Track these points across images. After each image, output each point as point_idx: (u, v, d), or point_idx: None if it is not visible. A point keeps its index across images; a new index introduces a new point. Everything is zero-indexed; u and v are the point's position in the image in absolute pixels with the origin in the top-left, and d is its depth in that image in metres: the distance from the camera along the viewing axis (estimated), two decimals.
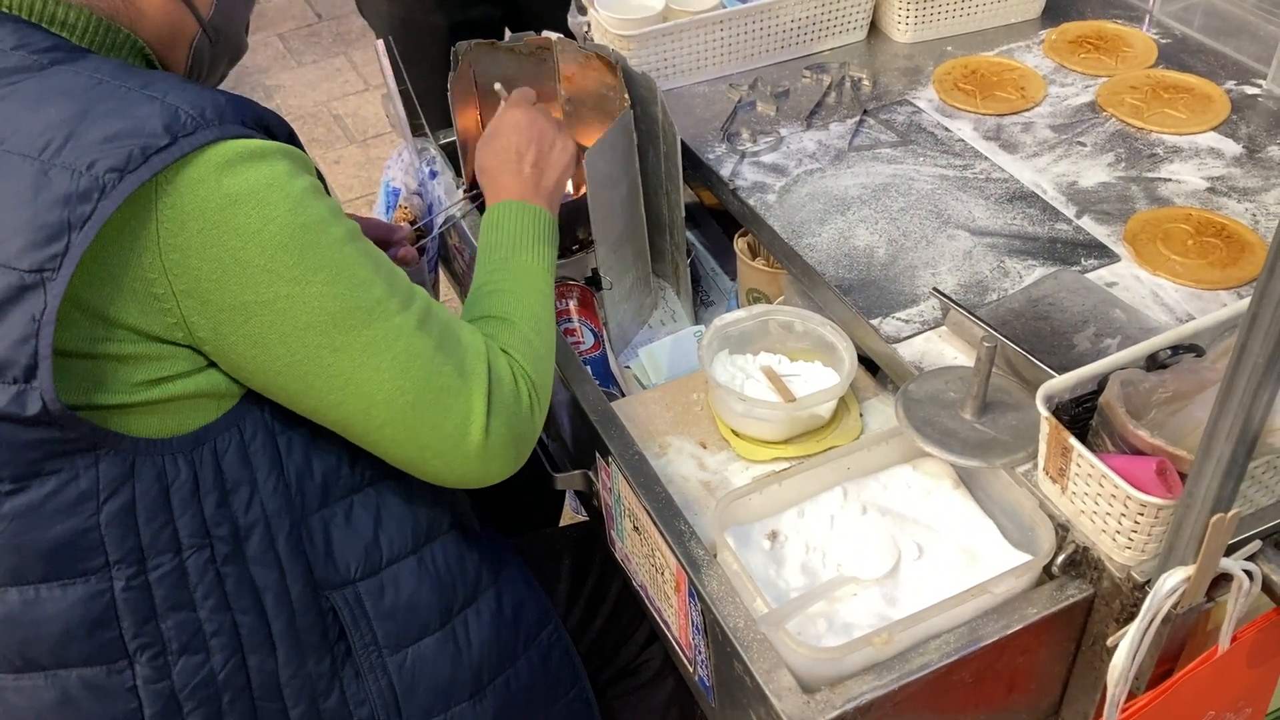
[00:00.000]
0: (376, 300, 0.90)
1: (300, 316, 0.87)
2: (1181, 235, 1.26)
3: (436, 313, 0.96)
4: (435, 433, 0.94)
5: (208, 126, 0.83)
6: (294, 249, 0.86)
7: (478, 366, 0.96)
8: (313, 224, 0.87)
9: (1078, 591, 0.97)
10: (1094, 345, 1.12)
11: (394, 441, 0.94)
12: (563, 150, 1.23)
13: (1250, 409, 0.75)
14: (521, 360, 1.02)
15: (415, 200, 1.54)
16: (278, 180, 0.85)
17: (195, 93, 0.86)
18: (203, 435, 0.91)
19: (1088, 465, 0.91)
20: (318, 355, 0.89)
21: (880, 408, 1.20)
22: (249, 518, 0.94)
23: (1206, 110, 1.46)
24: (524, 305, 1.07)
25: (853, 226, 1.32)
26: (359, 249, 0.91)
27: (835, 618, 0.98)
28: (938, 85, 1.55)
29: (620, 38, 1.51)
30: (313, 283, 0.87)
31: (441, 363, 0.93)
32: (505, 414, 0.97)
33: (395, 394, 0.91)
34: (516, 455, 0.99)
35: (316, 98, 3.54)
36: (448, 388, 0.94)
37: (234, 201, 0.83)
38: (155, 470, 0.89)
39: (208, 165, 0.83)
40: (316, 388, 0.90)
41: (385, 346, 0.90)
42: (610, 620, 1.29)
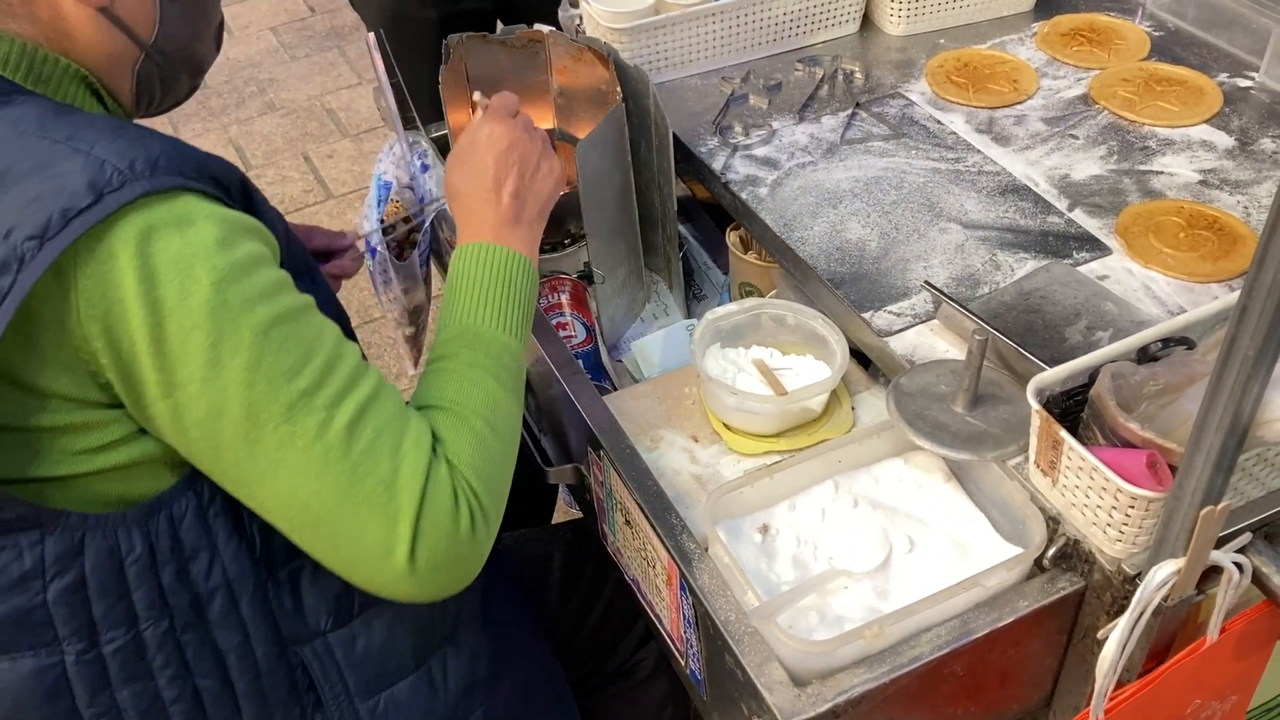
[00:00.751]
0: (300, 393, 0.81)
1: (212, 403, 0.80)
2: (1173, 228, 1.26)
3: (376, 409, 0.85)
4: (354, 547, 0.84)
5: (137, 179, 0.77)
6: (210, 328, 0.78)
7: (411, 481, 0.84)
8: (236, 303, 0.79)
9: (1069, 584, 0.97)
10: (1085, 338, 1.12)
11: (312, 547, 0.86)
12: (548, 174, 1.09)
13: (1240, 401, 0.75)
14: (468, 473, 0.89)
15: (407, 194, 1.53)
16: (205, 251, 0.78)
17: (127, 142, 0.79)
18: (156, 504, 0.86)
19: (1078, 458, 0.91)
20: (230, 445, 0.81)
21: (872, 401, 1.20)
22: (210, 584, 0.90)
23: (1199, 103, 1.46)
24: (482, 390, 0.95)
25: (845, 220, 1.31)
26: (290, 333, 0.82)
27: (826, 611, 0.98)
28: (930, 78, 1.55)
29: (612, 31, 1.51)
30: (228, 368, 0.79)
31: (367, 472, 0.83)
32: (437, 537, 0.85)
33: (309, 499, 0.83)
34: (452, 580, 0.88)
35: (310, 92, 3.53)
36: (369, 500, 0.83)
37: (150, 274, 0.77)
38: (107, 546, 0.85)
39: (128, 233, 0.76)
40: (232, 477, 0.84)
41: (302, 447, 0.81)
42: (604, 621, 1.28)
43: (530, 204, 1.07)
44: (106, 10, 0.87)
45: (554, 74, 1.50)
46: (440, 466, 0.87)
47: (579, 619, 1.27)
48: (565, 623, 1.26)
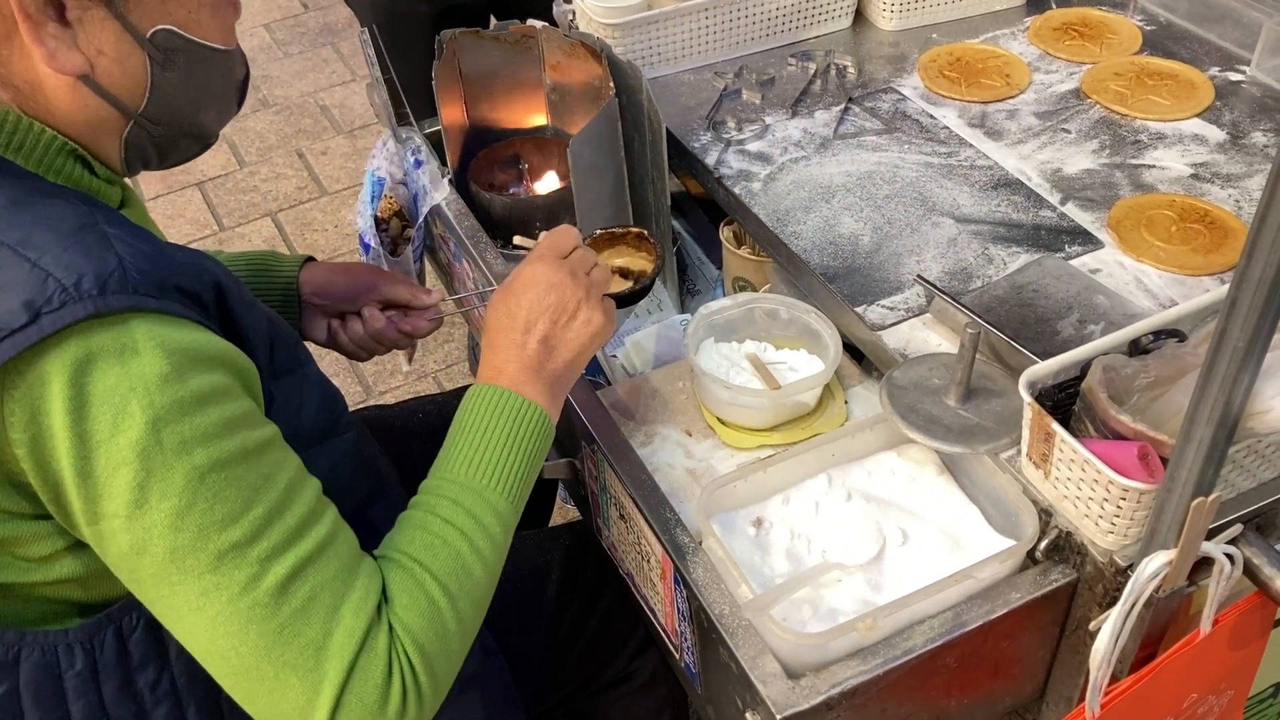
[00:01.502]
0: (233, 544, 0.77)
1: (135, 540, 0.76)
2: (1165, 221, 1.27)
3: (319, 564, 0.80)
4: (271, 708, 0.80)
5: (80, 300, 0.72)
6: (138, 468, 0.74)
7: (342, 647, 0.79)
8: (170, 445, 0.74)
9: (1061, 576, 0.98)
10: (1078, 331, 1.12)
11: (233, 695, 0.81)
12: (585, 324, 1.00)
13: (1231, 393, 0.75)
14: (409, 646, 0.82)
15: (400, 190, 1.53)
16: (142, 385, 0.74)
17: (80, 253, 0.74)
18: (105, 620, 0.83)
19: (1070, 450, 0.91)
20: (152, 584, 0.78)
21: (865, 395, 1.20)
22: (157, 694, 0.87)
23: (1190, 97, 1.47)
24: (451, 554, 0.88)
25: (838, 214, 1.32)
26: (232, 478, 0.77)
27: (820, 604, 0.98)
28: (923, 73, 1.55)
29: (605, 26, 1.51)
30: (155, 510, 0.75)
31: (294, 633, 0.78)
32: (360, 714, 0.79)
33: (228, 652, 0.78)
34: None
35: (303, 88, 3.53)
36: (292, 663, 0.78)
37: (82, 405, 0.72)
38: (44, 661, 0.83)
39: (64, 359, 0.72)
40: (157, 611, 0.80)
41: (226, 600, 0.77)
42: (603, 628, 1.27)
43: (560, 353, 0.99)
44: (87, 78, 0.82)
45: (547, 70, 1.50)
46: (381, 634, 0.81)
47: (578, 627, 1.26)
48: (564, 631, 1.25)
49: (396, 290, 1.26)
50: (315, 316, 1.26)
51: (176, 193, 3.12)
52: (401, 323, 1.26)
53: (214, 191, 3.13)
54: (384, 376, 2.58)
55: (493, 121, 1.55)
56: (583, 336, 1.00)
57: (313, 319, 1.26)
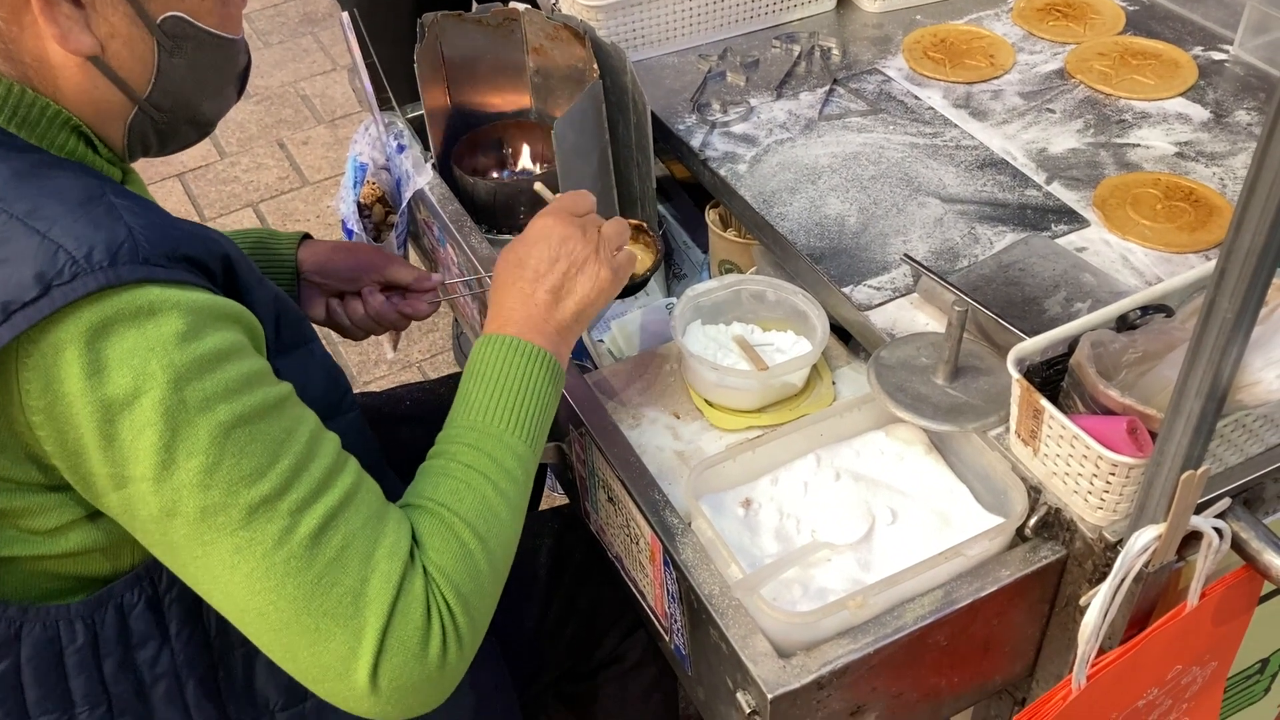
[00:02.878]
0: (263, 498, 0.76)
1: (165, 503, 0.75)
2: (1150, 200, 1.27)
3: (348, 514, 0.80)
4: (314, 661, 0.79)
5: (92, 272, 0.71)
6: (164, 429, 0.73)
7: (381, 592, 0.79)
8: (194, 402, 0.74)
9: (1050, 553, 0.98)
10: (1064, 309, 1.12)
11: (270, 653, 0.81)
12: (592, 278, 1.01)
13: (1219, 365, 0.75)
14: (446, 588, 0.82)
15: (383, 175, 1.52)
16: (160, 345, 0.73)
17: (89, 223, 0.73)
18: (105, 596, 0.83)
19: (1059, 426, 0.91)
20: (184, 545, 0.77)
21: (852, 375, 1.20)
22: (155, 671, 0.86)
23: (1174, 76, 1.47)
24: (477, 497, 0.88)
25: (824, 195, 1.31)
26: (256, 433, 0.77)
27: (810, 583, 0.98)
28: (907, 54, 1.54)
29: (589, 8, 1.50)
30: (183, 469, 0.74)
31: (332, 582, 0.78)
32: (404, 658, 0.79)
33: (266, 608, 0.78)
34: (418, 703, 0.82)
35: (284, 78, 3.50)
36: (332, 613, 0.78)
37: (100, 369, 0.72)
38: (45, 637, 0.82)
39: (78, 326, 0.71)
40: (189, 575, 0.80)
41: (261, 555, 0.77)
42: (592, 611, 1.27)
43: (568, 304, 1.00)
44: (97, 59, 0.82)
45: (530, 53, 1.49)
46: (416, 578, 0.81)
47: (567, 609, 1.26)
48: (553, 614, 1.25)
49: (398, 272, 1.26)
50: (314, 294, 1.26)
51: (157, 184, 3.09)
52: (402, 305, 1.27)
53: (195, 182, 3.10)
54: (369, 366, 2.56)
55: (476, 105, 1.54)
56: (591, 290, 1.01)
57: (311, 297, 1.26)
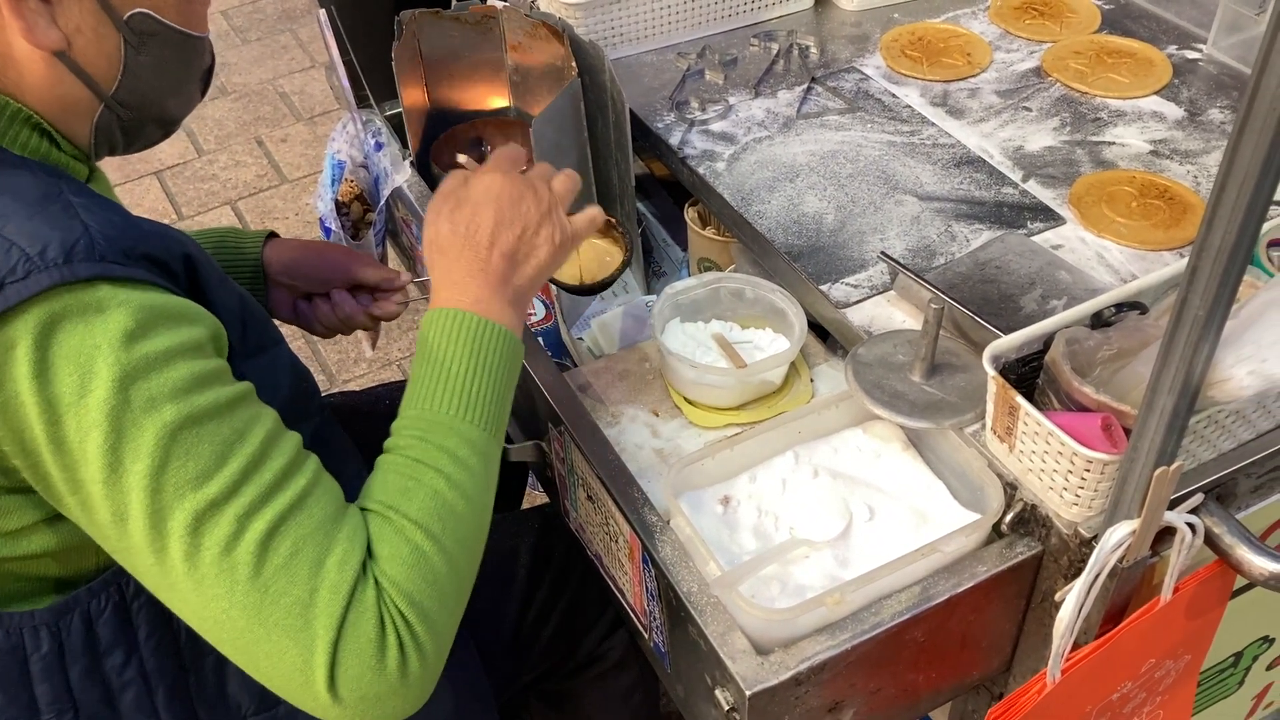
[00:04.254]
0: (209, 502, 0.74)
1: (116, 507, 0.74)
2: (1125, 197, 1.27)
3: (299, 518, 0.78)
4: (274, 670, 0.77)
5: (45, 269, 0.71)
6: (108, 430, 0.72)
7: (329, 604, 0.76)
8: (139, 403, 0.73)
9: (1026, 549, 0.98)
10: (1040, 307, 1.13)
11: (237, 661, 0.79)
12: (548, 240, 0.95)
13: (1192, 361, 0.76)
14: (397, 597, 0.79)
15: (361, 173, 1.52)
16: (107, 343, 0.72)
17: (45, 222, 0.73)
18: (71, 603, 0.82)
19: (1034, 423, 0.92)
20: (139, 551, 0.75)
21: (830, 373, 1.21)
22: (124, 678, 0.85)
23: (1149, 75, 1.48)
24: (427, 494, 0.83)
25: (802, 193, 1.32)
26: (204, 434, 0.75)
27: (788, 580, 0.98)
28: (885, 52, 1.55)
29: (567, 6, 1.49)
30: (130, 473, 0.73)
31: (280, 592, 0.76)
32: (359, 670, 0.77)
33: (221, 617, 0.76)
34: (388, 714, 0.79)
35: (262, 75, 3.48)
36: (282, 624, 0.76)
37: (47, 369, 0.71)
38: (10, 644, 0.82)
39: (29, 324, 0.71)
40: (149, 582, 0.78)
41: (210, 561, 0.75)
42: (572, 611, 1.27)
43: (524, 269, 0.94)
44: (63, 55, 0.81)
45: (508, 50, 1.48)
46: (367, 589, 0.78)
47: (547, 609, 1.26)
48: (533, 614, 1.25)
49: (366, 273, 1.25)
50: (282, 295, 1.25)
51: (134, 181, 3.07)
52: (371, 306, 1.25)
53: (172, 180, 3.08)
54: (348, 364, 2.55)
55: (454, 103, 1.54)
56: (547, 255, 0.96)
57: (279, 298, 1.25)
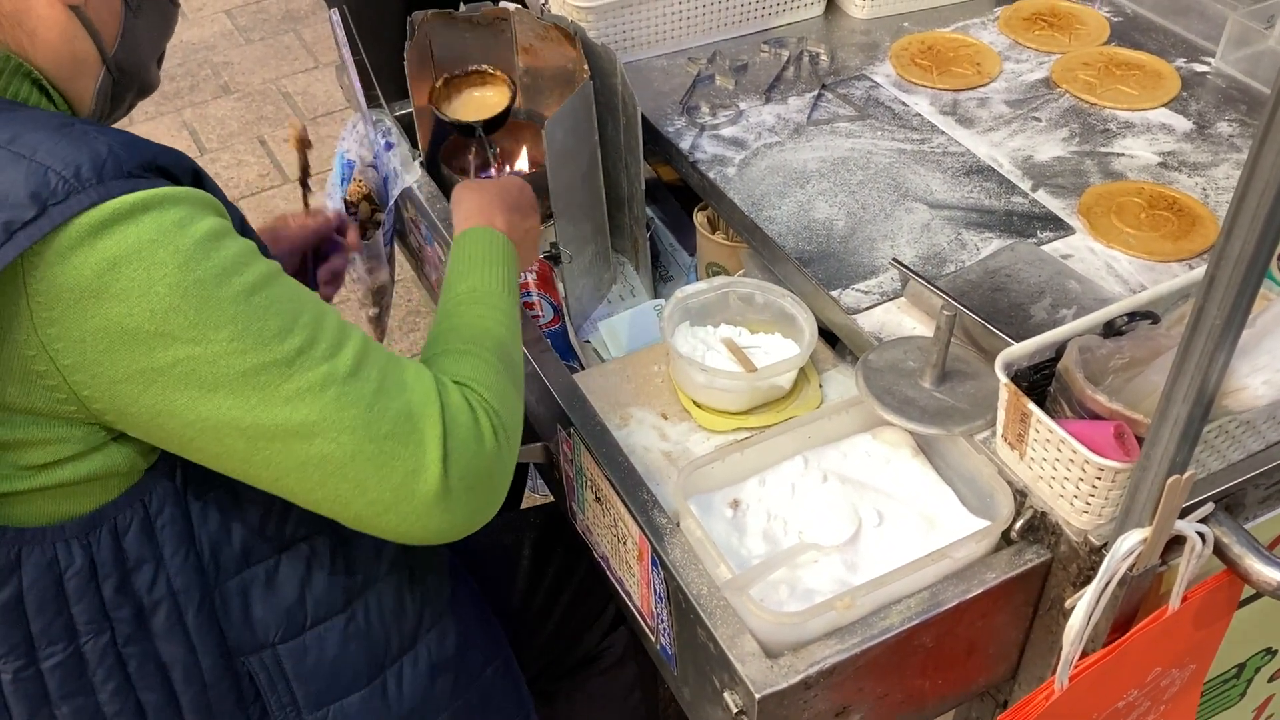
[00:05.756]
0: (296, 350, 0.80)
1: (206, 378, 0.77)
2: (1134, 208, 1.28)
3: (373, 354, 0.85)
4: (383, 485, 0.83)
5: (83, 189, 0.73)
6: (187, 308, 0.76)
7: (428, 406, 0.85)
8: (208, 278, 0.77)
9: (1035, 556, 0.98)
10: (1050, 315, 1.13)
11: (337, 500, 0.84)
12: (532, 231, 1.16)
13: (1207, 371, 0.76)
14: (482, 391, 0.90)
15: (370, 172, 1.51)
16: (164, 233, 0.75)
17: (71, 145, 0.75)
18: (99, 517, 0.84)
19: (1046, 430, 0.92)
20: (232, 417, 0.79)
21: (839, 378, 1.21)
22: (154, 595, 0.87)
23: (1157, 87, 1.48)
24: (487, 332, 0.97)
25: (812, 199, 1.32)
26: (272, 297, 0.80)
27: (797, 584, 0.98)
28: (895, 61, 1.55)
29: (579, 9, 1.50)
30: (215, 341, 0.77)
31: (383, 408, 0.83)
32: (465, 455, 0.85)
33: (330, 448, 0.81)
34: (485, 502, 0.88)
35: (265, 75, 3.48)
36: (392, 434, 0.82)
37: (113, 265, 0.74)
38: (45, 560, 0.83)
39: (81, 230, 0.73)
40: (236, 451, 0.81)
41: (312, 398, 0.80)
42: (573, 608, 1.28)
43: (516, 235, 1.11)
44: (79, 10, 0.84)
45: (519, 53, 1.49)
46: (450, 390, 0.88)
47: (547, 606, 1.26)
48: (533, 610, 1.25)
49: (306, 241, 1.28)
50: None
51: None
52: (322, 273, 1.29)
53: None
54: None
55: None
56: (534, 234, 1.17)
57: None
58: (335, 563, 0.97)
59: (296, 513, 0.93)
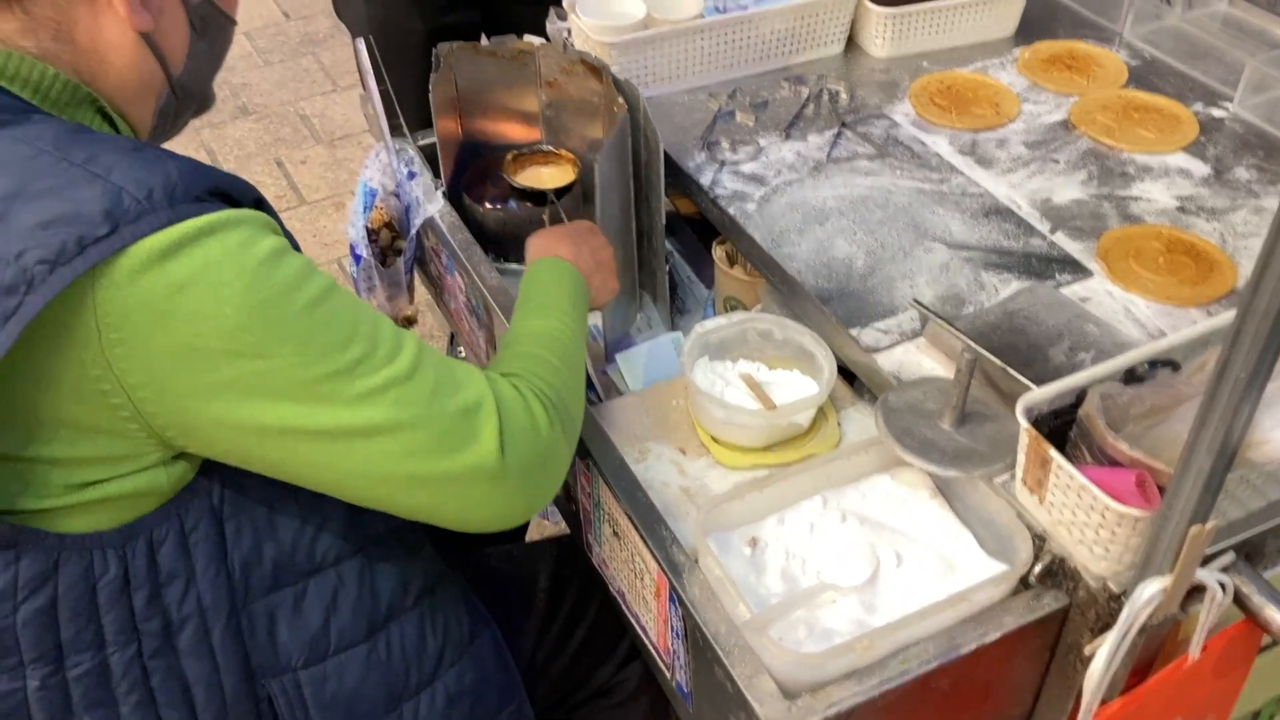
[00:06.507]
0: (357, 358, 0.83)
1: (271, 389, 0.80)
2: (1152, 253, 1.29)
3: (428, 356, 0.89)
4: (444, 477, 0.87)
5: (154, 211, 0.76)
6: (254, 326, 0.78)
7: (482, 400, 0.89)
8: (273, 296, 0.79)
9: (1054, 601, 0.98)
10: (1069, 359, 1.14)
11: (401, 493, 0.87)
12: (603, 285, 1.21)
13: (1231, 423, 0.76)
14: (535, 381, 0.96)
15: (392, 201, 1.53)
16: (230, 254, 0.78)
17: (144, 167, 0.78)
18: (137, 527, 0.85)
19: (1066, 477, 0.92)
20: (298, 424, 0.82)
21: (857, 416, 1.21)
22: (183, 611, 0.89)
23: (1175, 131, 1.49)
24: (546, 334, 1.03)
25: (831, 237, 1.33)
26: (332, 309, 0.83)
27: (815, 624, 0.99)
28: (914, 100, 1.57)
29: (602, 45, 1.51)
30: (280, 355, 0.80)
31: (440, 405, 0.86)
32: (521, 442, 0.90)
33: (392, 446, 0.85)
34: (542, 486, 0.93)
35: (283, 97, 3.51)
36: (451, 429, 0.86)
37: (182, 287, 0.76)
38: (81, 567, 0.84)
39: (151, 252, 0.75)
40: (300, 456, 0.84)
41: (374, 400, 0.84)
42: (588, 641, 1.28)
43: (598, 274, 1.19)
44: (148, 37, 0.87)
45: (543, 86, 1.50)
46: (499, 383, 0.93)
47: (563, 638, 1.26)
48: (548, 642, 1.25)
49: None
50: None
51: None
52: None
53: None
54: None
55: (487, 135, 1.55)
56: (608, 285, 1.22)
57: None
58: (361, 592, 0.99)
59: (326, 538, 0.95)
